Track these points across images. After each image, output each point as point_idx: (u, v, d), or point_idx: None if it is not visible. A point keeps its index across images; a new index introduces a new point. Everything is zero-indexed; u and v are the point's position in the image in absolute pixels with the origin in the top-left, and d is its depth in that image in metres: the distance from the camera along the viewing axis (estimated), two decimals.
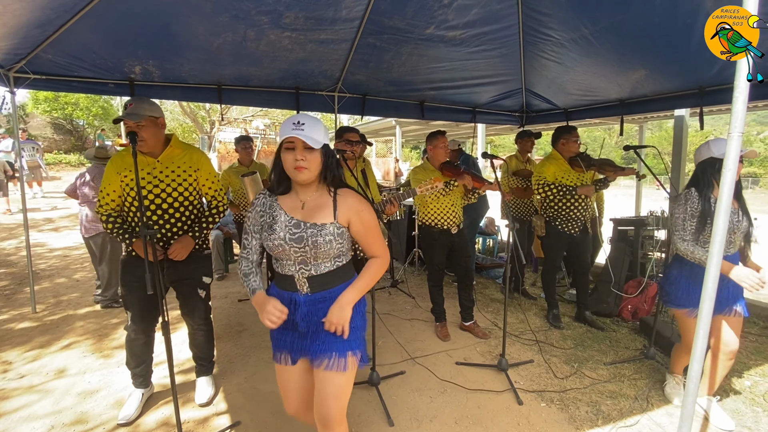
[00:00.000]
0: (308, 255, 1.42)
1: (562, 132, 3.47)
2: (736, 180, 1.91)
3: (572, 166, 3.44)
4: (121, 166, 2.14)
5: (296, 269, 1.46)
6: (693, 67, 3.03)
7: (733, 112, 1.22)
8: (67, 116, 17.72)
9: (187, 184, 2.21)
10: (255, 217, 1.51)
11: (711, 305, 1.30)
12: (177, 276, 2.25)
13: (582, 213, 3.45)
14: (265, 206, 1.49)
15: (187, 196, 2.22)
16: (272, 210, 1.47)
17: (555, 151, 3.52)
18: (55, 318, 3.74)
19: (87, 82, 3.11)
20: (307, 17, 2.74)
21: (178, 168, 2.20)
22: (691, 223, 2.14)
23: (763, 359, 3.03)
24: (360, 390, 2.59)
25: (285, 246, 1.42)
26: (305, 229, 1.41)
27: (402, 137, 12.21)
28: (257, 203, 1.51)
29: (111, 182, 2.15)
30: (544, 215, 3.61)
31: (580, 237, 3.50)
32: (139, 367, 2.38)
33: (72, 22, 2.40)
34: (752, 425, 2.29)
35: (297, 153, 1.36)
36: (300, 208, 1.45)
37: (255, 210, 1.51)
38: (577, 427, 2.26)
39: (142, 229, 1.72)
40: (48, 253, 6.12)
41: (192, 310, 2.39)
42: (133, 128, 2.02)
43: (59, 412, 2.37)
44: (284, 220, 1.44)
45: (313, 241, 1.40)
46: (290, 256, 1.44)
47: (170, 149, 2.20)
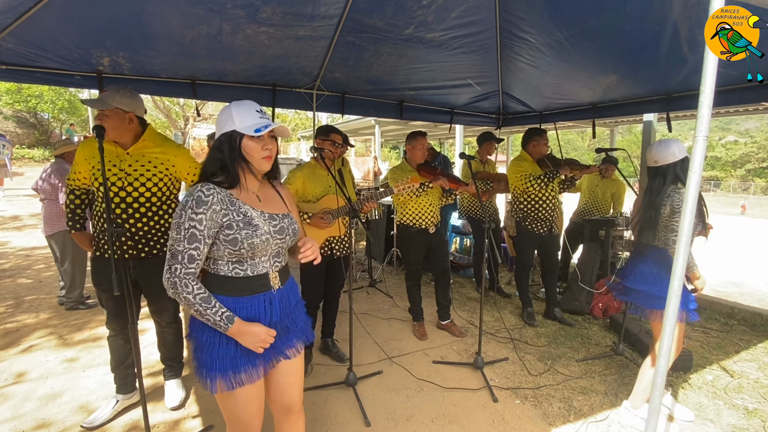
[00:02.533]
0: (285, 245, 1.41)
1: (533, 134, 3.60)
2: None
3: (540, 167, 3.58)
4: (90, 153, 2.05)
5: (270, 264, 1.38)
6: (661, 74, 3.14)
7: (698, 116, 1.26)
8: (30, 109, 16.93)
9: (157, 179, 2.09)
10: (212, 218, 1.26)
11: (677, 302, 1.34)
12: (145, 275, 2.15)
13: (549, 214, 3.60)
14: (224, 203, 1.28)
15: (156, 192, 2.09)
16: (236, 206, 1.31)
17: (524, 151, 3.66)
18: (16, 320, 3.56)
19: (51, 74, 2.96)
20: (284, 12, 2.70)
21: (149, 163, 2.07)
22: (674, 220, 2.13)
23: (724, 354, 3.18)
24: (337, 390, 2.57)
25: (270, 240, 1.34)
26: (281, 220, 1.39)
27: (381, 137, 12.21)
28: (211, 201, 1.25)
29: (81, 168, 2.10)
30: (515, 216, 3.73)
31: (547, 237, 3.65)
32: (119, 368, 2.30)
33: (35, 9, 2.27)
34: (714, 417, 2.39)
35: (266, 141, 1.33)
36: (257, 201, 1.38)
37: (210, 209, 1.25)
38: (550, 423, 2.31)
39: (109, 227, 1.64)
40: (9, 252, 5.82)
41: (161, 309, 2.31)
42: (99, 117, 1.96)
43: (18, 418, 2.26)
44: (257, 215, 1.34)
45: (292, 229, 1.41)
46: (268, 250, 1.36)
47: (142, 142, 2.07)
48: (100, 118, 1.96)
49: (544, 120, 4.70)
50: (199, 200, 1.24)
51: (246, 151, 1.31)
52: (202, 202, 1.24)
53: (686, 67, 2.91)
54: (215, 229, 1.28)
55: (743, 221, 17.25)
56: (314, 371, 2.82)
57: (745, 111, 6.46)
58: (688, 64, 2.84)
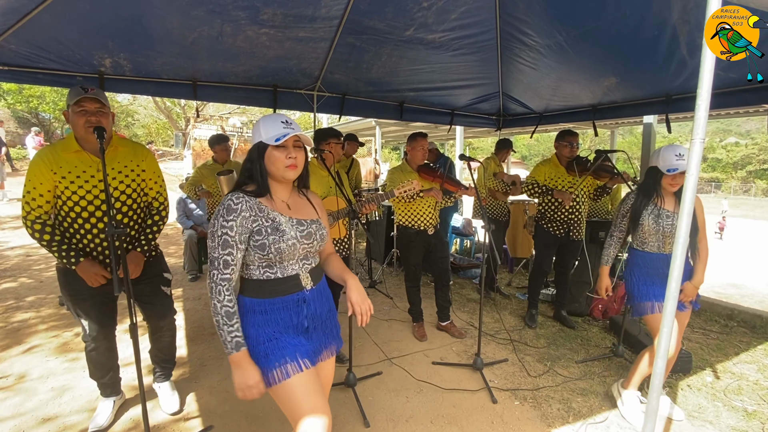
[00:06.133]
0: (314, 249, 1.46)
1: (558, 136, 3.55)
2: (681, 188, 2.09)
3: (568, 171, 3.49)
4: (55, 163, 1.84)
5: (300, 266, 1.43)
6: (660, 76, 3.14)
7: (695, 119, 1.27)
8: (32, 110, 16.96)
9: (135, 184, 2.04)
10: (242, 224, 1.32)
11: (674, 304, 1.35)
12: (136, 280, 2.09)
13: (567, 216, 3.50)
14: (253, 210, 1.35)
15: (134, 196, 2.04)
16: (265, 213, 1.36)
17: (555, 154, 3.61)
18: (17, 319, 3.57)
19: (53, 75, 2.97)
20: (285, 14, 2.71)
21: (125, 168, 2.01)
22: (623, 222, 2.43)
23: (724, 356, 3.18)
24: (336, 391, 2.57)
25: (297, 245, 1.39)
26: (309, 225, 1.45)
27: (382, 138, 12.22)
28: (240, 208, 1.32)
29: (43, 181, 1.84)
30: (535, 215, 3.72)
31: (564, 239, 3.57)
32: (106, 376, 2.24)
33: (37, 10, 2.28)
34: (713, 419, 2.40)
35: (290, 151, 1.37)
36: (287, 208, 1.44)
37: (240, 216, 1.32)
38: (549, 424, 2.32)
39: (110, 228, 1.63)
40: (10, 252, 5.84)
41: (160, 311, 2.27)
42: (95, 113, 1.84)
43: (19, 416, 2.27)
44: (285, 221, 1.39)
45: (320, 234, 1.47)
46: (297, 254, 1.41)
47: (113, 147, 1.97)
48: (96, 115, 1.84)
49: (544, 122, 4.71)
50: (229, 208, 1.32)
51: (271, 160, 1.37)
52: (232, 210, 1.31)
53: (686, 70, 2.91)
54: (246, 235, 1.34)
55: (743, 223, 17.22)
56: None
57: (745, 113, 6.47)
58: (688, 67, 2.85)
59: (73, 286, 1.99)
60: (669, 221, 2.23)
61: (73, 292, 2.01)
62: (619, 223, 2.46)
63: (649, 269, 2.29)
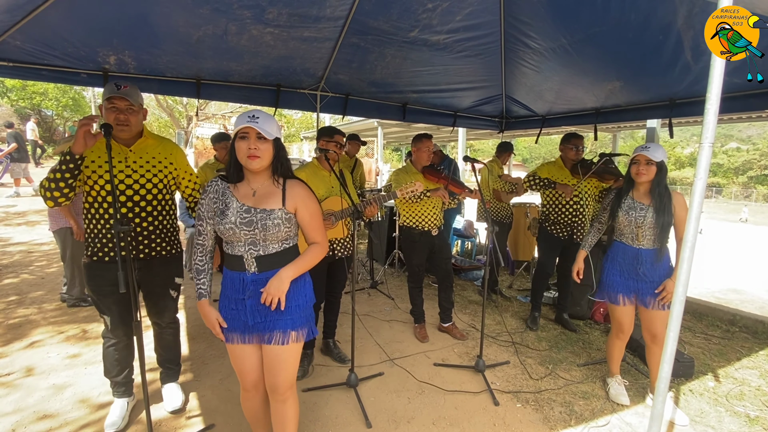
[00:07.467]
0: (258, 237, 1.55)
1: (563, 139, 3.56)
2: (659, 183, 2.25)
3: (572, 174, 3.49)
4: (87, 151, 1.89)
5: (245, 250, 1.56)
6: (664, 81, 3.14)
7: (704, 123, 1.26)
8: (35, 106, 16.98)
9: (162, 176, 2.09)
10: (208, 203, 1.59)
11: (681, 308, 1.34)
12: (149, 277, 2.13)
13: (570, 219, 3.49)
14: (218, 193, 1.58)
15: (161, 188, 2.09)
16: (225, 197, 1.57)
17: (560, 156, 3.62)
18: (19, 315, 3.57)
19: (57, 71, 2.98)
20: (290, 14, 2.71)
21: (153, 159, 2.08)
22: (603, 214, 2.57)
23: (726, 361, 3.17)
24: (338, 392, 2.57)
25: (235, 230, 1.53)
26: (255, 214, 1.54)
27: (383, 138, 12.22)
28: (210, 189, 1.59)
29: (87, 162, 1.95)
30: (538, 216, 3.72)
31: (567, 242, 3.55)
32: (121, 374, 2.24)
33: (43, 7, 2.29)
34: (715, 424, 2.39)
35: (250, 142, 1.49)
36: (251, 196, 1.58)
37: (208, 196, 1.59)
38: (551, 428, 2.31)
39: (116, 225, 1.63)
40: (13, 248, 5.84)
41: (162, 311, 2.28)
42: (124, 110, 1.93)
43: (21, 411, 2.27)
44: (236, 207, 1.55)
45: (262, 224, 1.54)
46: (240, 238, 1.55)
47: (144, 140, 2.07)
48: (125, 113, 1.94)
49: (547, 124, 4.71)
50: (205, 189, 1.61)
51: (236, 150, 1.52)
52: (205, 191, 1.60)
53: (690, 75, 2.91)
54: (211, 212, 1.59)
55: (744, 228, 17.20)
56: (315, 372, 2.82)
57: (748, 118, 6.46)
58: (692, 72, 2.85)
59: (96, 282, 2.05)
60: (641, 213, 2.33)
61: (96, 288, 2.07)
62: (600, 215, 2.62)
63: (621, 261, 2.44)
